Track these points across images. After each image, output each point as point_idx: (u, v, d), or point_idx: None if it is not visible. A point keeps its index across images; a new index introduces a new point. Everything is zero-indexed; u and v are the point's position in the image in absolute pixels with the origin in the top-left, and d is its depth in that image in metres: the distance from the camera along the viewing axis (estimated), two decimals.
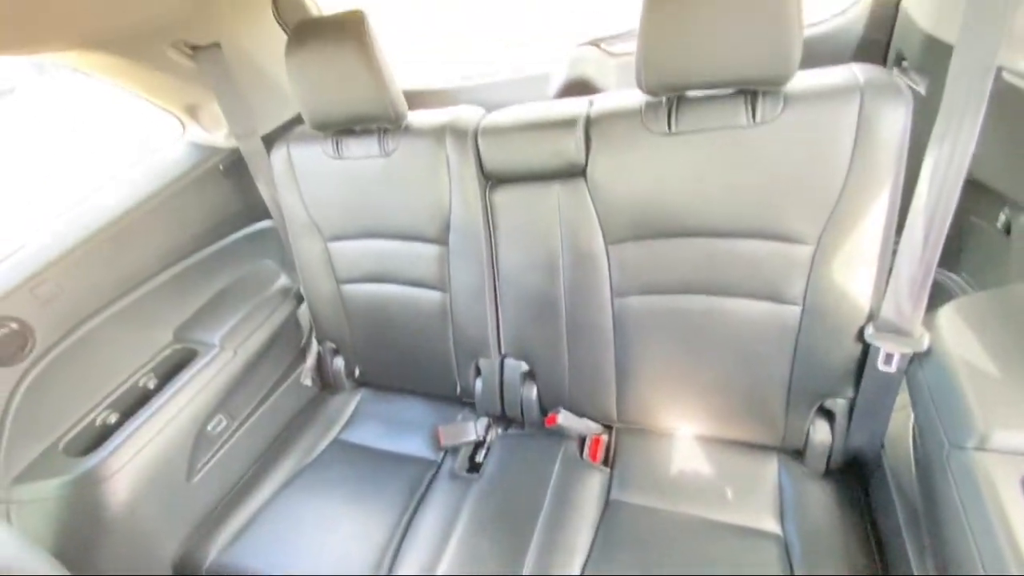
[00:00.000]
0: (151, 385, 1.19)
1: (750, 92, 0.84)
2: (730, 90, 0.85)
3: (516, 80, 1.48)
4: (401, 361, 1.35)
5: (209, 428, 1.21)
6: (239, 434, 1.30)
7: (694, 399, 1.07)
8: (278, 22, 1.29)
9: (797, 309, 0.92)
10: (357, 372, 1.43)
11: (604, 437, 1.17)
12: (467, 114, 1.10)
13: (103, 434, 1.09)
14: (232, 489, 1.26)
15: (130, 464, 1.06)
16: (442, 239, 1.16)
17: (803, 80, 0.84)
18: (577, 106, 1.00)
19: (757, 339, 0.97)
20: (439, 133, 1.08)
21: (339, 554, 1.05)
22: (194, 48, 1.12)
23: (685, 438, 1.13)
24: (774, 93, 0.83)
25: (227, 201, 1.39)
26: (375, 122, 1.10)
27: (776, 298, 0.93)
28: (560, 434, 1.18)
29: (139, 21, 1.01)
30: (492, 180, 1.09)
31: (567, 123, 0.96)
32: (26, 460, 1.03)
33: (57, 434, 1.07)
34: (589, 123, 0.95)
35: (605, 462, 1.14)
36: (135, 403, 1.14)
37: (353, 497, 1.17)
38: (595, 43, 1.45)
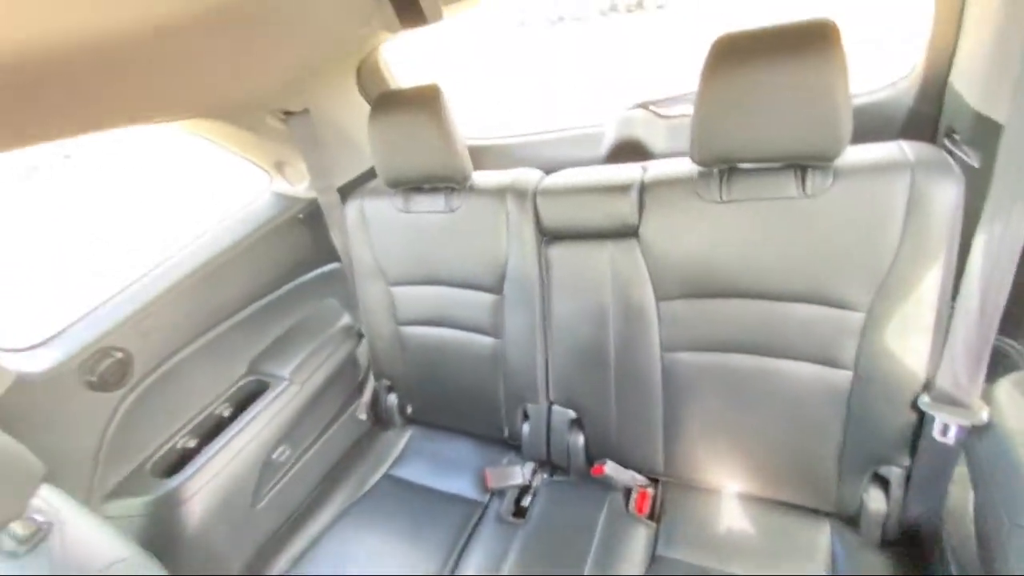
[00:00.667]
0: (226, 414, 1.30)
1: (800, 166, 0.89)
2: (780, 163, 0.90)
3: (570, 138, 1.58)
4: (452, 402, 1.41)
5: (274, 456, 1.30)
6: (299, 464, 1.38)
7: (743, 457, 1.08)
8: (360, 91, 1.45)
9: (849, 374, 0.93)
10: (409, 410, 1.50)
11: (650, 490, 1.18)
12: (527, 176, 1.19)
13: (183, 458, 1.19)
14: (290, 517, 1.33)
15: (205, 487, 1.15)
16: (497, 288, 1.24)
17: (853, 155, 0.88)
18: (631, 172, 1.07)
19: (808, 401, 0.98)
20: (501, 193, 1.17)
21: None
22: (287, 114, 1.27)
23: (734, 496, 1.13)
24: (824, 167, 0.87)
25: (302, 246, 1.52)
26: (442, 182, 1.21)
27: (827, 362, 0.95)
28: (606, 484, 1.19)
29: (246, 94, 1.17)
30: (548, 236, 1.17)
31: (622, 188, 1.03)
32: (118, 478, 1.13)
33: (145, 455, 1.18)
34: (644, 188, 1.02)
35: (651, 516, 1.15)
36: (212, 430, 1.25)
37: (403, 533, 1.21)
38: (644, 106, 1.53)
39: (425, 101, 1.12)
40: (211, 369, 1.32)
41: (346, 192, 1.41)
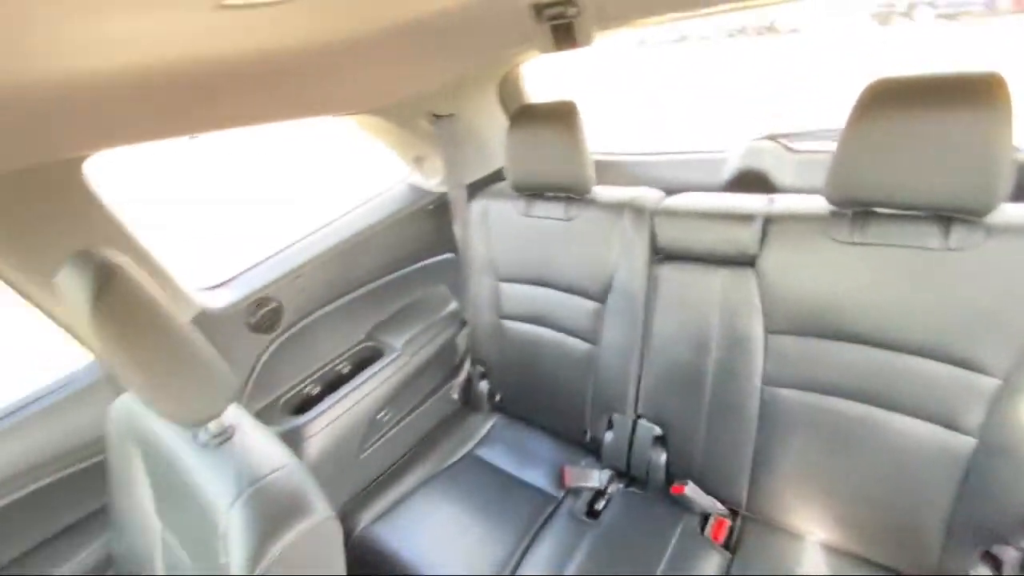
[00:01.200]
0: (345, 371, 1.48)
1: (946, 217, 0.86)
2: (923, 212, 0.88)
3: (689, 162, 1.60)
4: (539, 397, 1.49)
5: (379, 416, 1.46)
6: (397, 428, 1.53)
7: (835, 506, 1.05)
8: (500, 101, 1.58)
9: (971, 441, 0.88)
10: (498, 397, 1.60)
11: (729, 521, 1.17)
12: (647, 195, 1.24)
13: (307, 402, 1.37)
14: (382, 474, 1.48)
15: (323, 431, 1.32)
16: (601, 297, 1.30)
17: (1012, 212, 0.84)
18: (756, 202, 1.08)
19: (918, 461, 0.94)
20: (619, 208, 1.24)
21: (463, 560, 1.19)
22: (437, 116, 1.43)
23: (817, 544, 1.09)
24: (973, 222, 0.84)
25: (425, 234, 1.68)
26: (565, 191, 1.29)
27: (947, 424, 0.90)
28: (683, 504, 1.21)
29: (406, 97, 1.33)
30: (661, 254, 1.21)
31: (746, 217, 1.05)
32: (256, 408, 1.34)
33: (278, 394, 1.38)
34: (769, 220, 1.03)
35: (726, 546, 1.14)
36: (333, 382, 1.43)
37: (479, 510, 1.31)
38: (773, 137, 1.52)
39: (562, 116, 1.22)
40: (338, 331, 1.51)
41: (473, 190, 1.54)
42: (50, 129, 0.80)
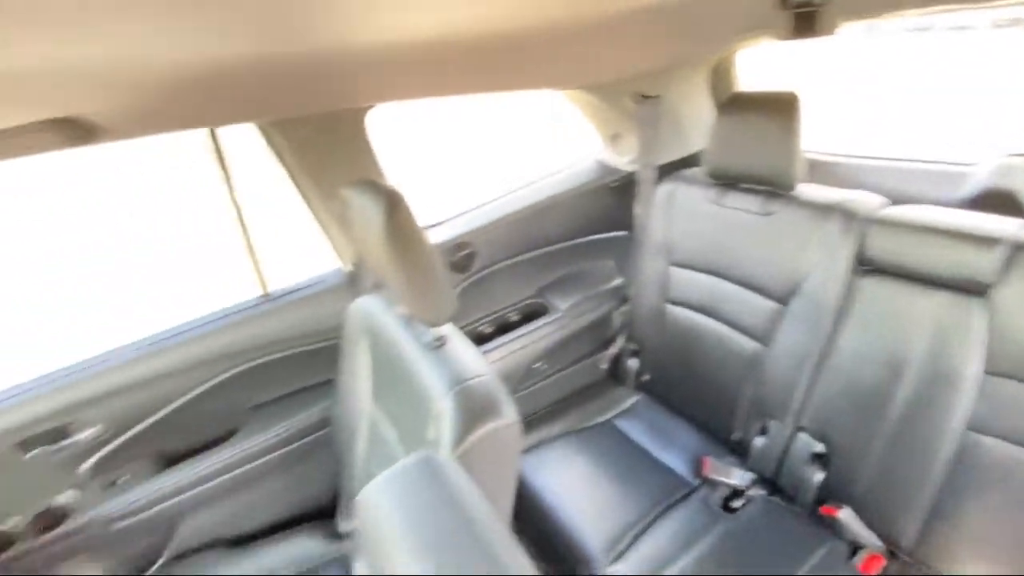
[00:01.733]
0: (514, 319, 1.65)
1: None
2: None
3: (924, 171, 1.42)
4: (689, 386, 1.50)
5: (534, 366, 1.61)
6: (546, 381, 1.67)
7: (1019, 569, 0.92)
8: (709, 87, 1.57)
9: None
10: (645, 377, 1.65)
11: (885, 559, 1.09)
12: (863, 200, 1.16)
13: (480, 339, 1.57)
14: (525, 419, 1.64)
15: (492, 367, 1.50)
16: (783, 299, 1.25)
17: None
18: (1005, 226, 0.95)
19: None
20: (826, 210, 1.17)
21: (593, 513, 1.28)
22: (644, 97, 1.47)
23: None
24: None
25: (604, 210, 1.76)
26: (766, 185, 1.26)
27: None
28: (830, 527, 1.15)
29: (618, 77, 1.40)
30: (866, 266, 1.13)
31: (988, 240, 0.93)
32: None
33: (460, 326, 1.59)
34: (1019, 247, 0.91)
35: None
36: (502, 327, 1.61)
37: (612, 475, 1.38)
38: None
39: (781, 107, 1.18)
40: (513, 284, 1.68)
41: (662, 173, 1.57)
42: (343, 84, 1.03)
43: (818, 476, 1.19)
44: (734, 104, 1.27)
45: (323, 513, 1.44)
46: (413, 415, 0.95)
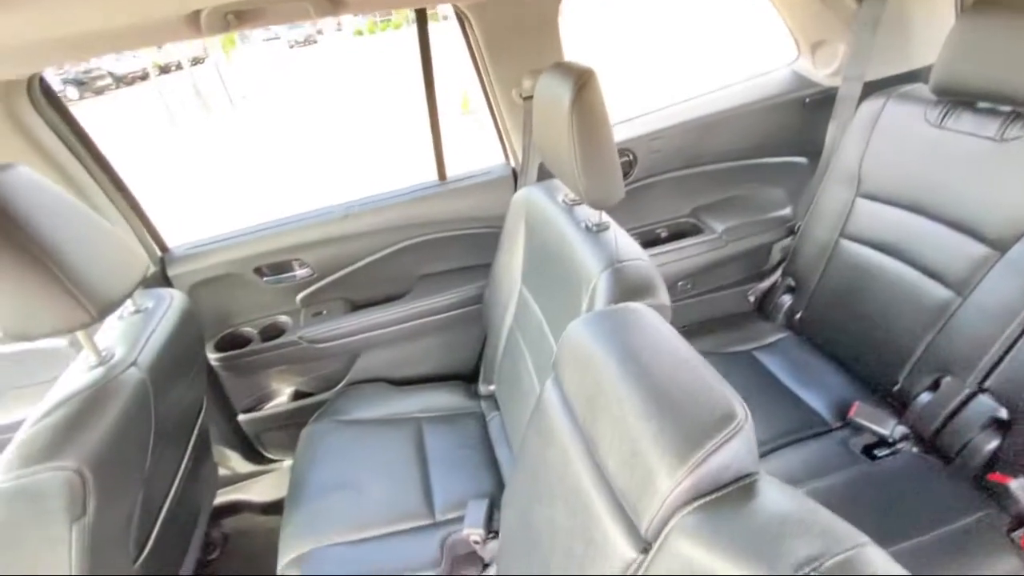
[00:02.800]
0: (663, 235, 1.63)
1: None
2: None
3: None
4: (850, 331, 1.38)
5: (678, 284, 1.60)
6: (687, 301, 1.66)
7: None
8: None
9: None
10: (798, 315, 1.55)
11: None
12: None
13: None
14: None
15: None
16: (1000, 244, 1.07)
17: None
18: None
19: None
20: None
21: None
22: None
23: None
24: None
25: (786, 130, 1.60)
26: (1013, 104, 1.04)
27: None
28: (993, 495, 1.04)
29: None
30: None
31: None
32: None
33: None
34: None
35: None
36: (651, 241, 1.61)
37: (745, 396, 1.37)
38: None
39: None
40: (669, 198, 1.65)
41: (869, 90, 1.36)
42: None
43: (991, 443, 1.07)
44: (989, 4, 1.04)
45: (465, 376, 1.66)
46: (563, 295, 1.03)
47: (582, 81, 0.85)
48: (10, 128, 1.07)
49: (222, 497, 1.62)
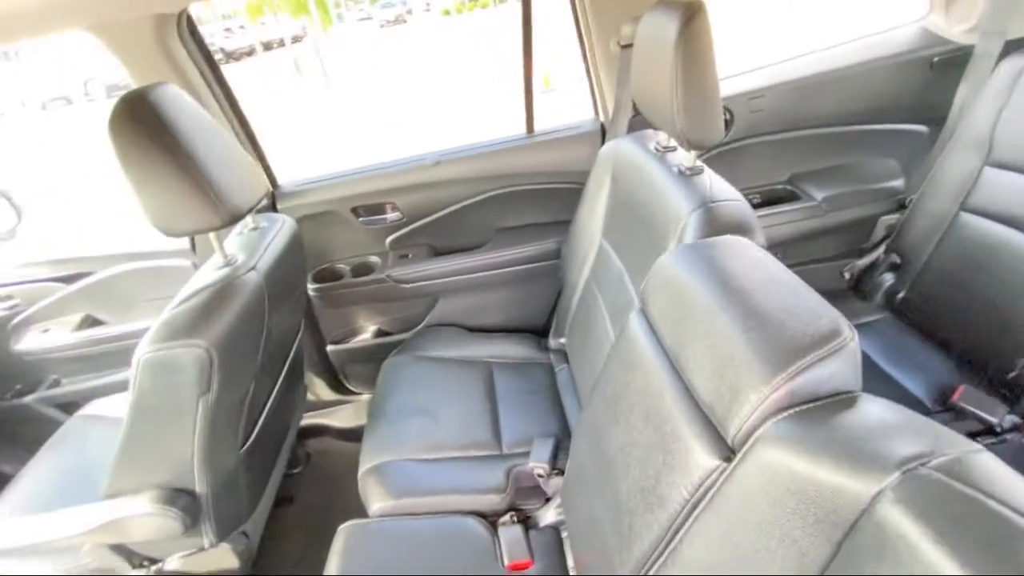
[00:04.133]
0: (755, 201, 1.56)
1: None
2: None
3: None
4: (963, 312, 1.26)
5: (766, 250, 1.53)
6: None
7: None
8: None
9: None
10: (899, 296, 1.43)
11: None
12: None
13: None
14: None
15: None
16: None
17: None
18: None
19: None
20: None
21: None
22: None
23: None
24: None
25: (911, 92, 1.46)
26: None
27: None
28: None
29: None
30: None
31: None
32: None
33: None
34: None
35: None
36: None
37: None
38: None
39: None
40: (765, 162, 1.57)
41: (1011, 48, 1.22)
42: None
43: None
44: None
45: (535, 331, 1.69)
46: (647, 241, 1.02)
47: (691, 12, 0.84)
48: (160, 55, 1.23)
49: (307, 420, 1.77)
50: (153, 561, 1.10)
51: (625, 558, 0.68)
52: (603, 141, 1.49)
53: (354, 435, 1.70)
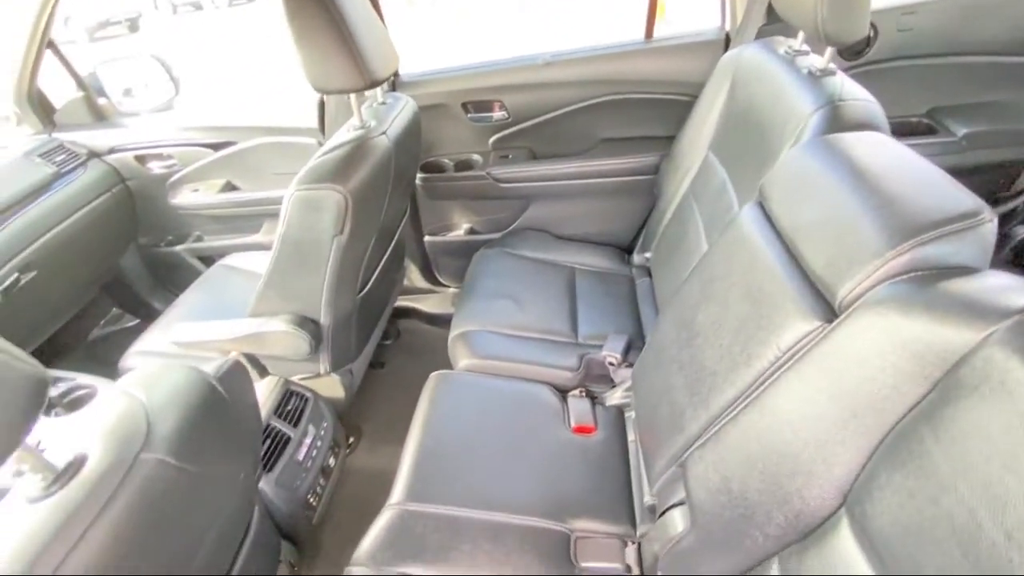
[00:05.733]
0: None
1: None
2: None
3: None
4: None
5: None
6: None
7: None
8: None
9: None
10: None
11: None
12: None
13: None
14: None
15: None
16: None
17: None
18: None
19: None
20: None
21: None
22: None
23: None
24: None
25: None
26: None
27: None
28: None
29: None
30: None
31: None
32: None
33: None
34: None
35: None
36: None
37: None
38: None
39: None
40: (903, 89, 1.43)
41: None
42: None
43: None
44: None
45: (620, 247, 1.73)
46: (760, 147, 1.01)
47: None
48: None
49: (400, 302, 1.96)
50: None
51: (700, 413, 0.74)
52: (726, 51, 1.43)
53: (440, 321, 1.87)
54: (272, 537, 0.95)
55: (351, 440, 1.54)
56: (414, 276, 1.95)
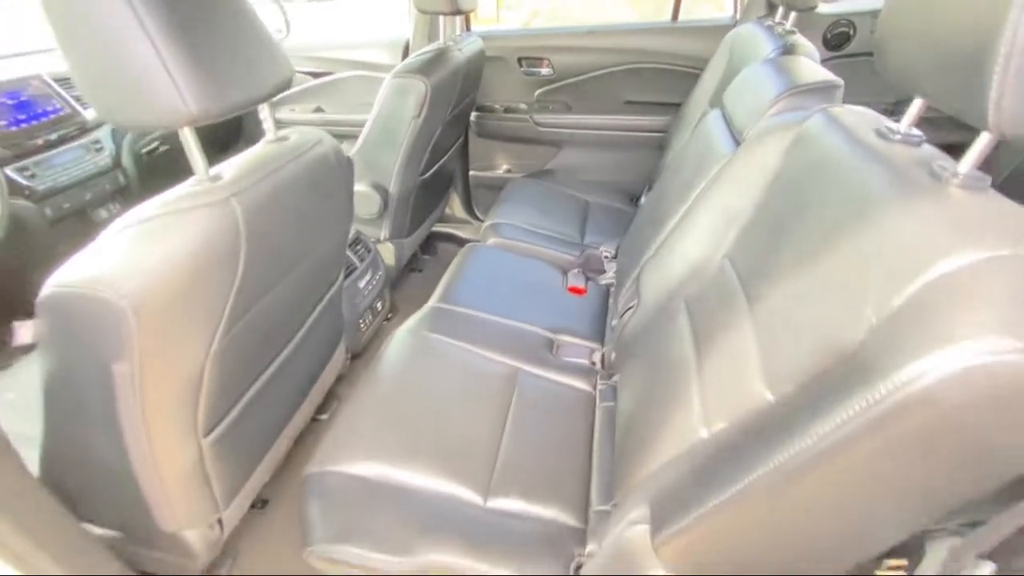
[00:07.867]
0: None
1: None
2: None
3: None
4: None
5: None
6: None
7: None
8: None
9: None
10: None
11: None
12: None
13: None
14: None
15: None
16: None
17: None
18: None
19: None
20: None
21: None
22: None
23: None
24: None
25: None
26: None
27: None
28: None
29: None
30: None
31: None
32: None
33: None
34: None
35: None
36: None
37: None
38: None
39: None
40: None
41: None
42: None
43: None
44: None
45: (631, 193, 2.07)
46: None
47: None
48: None
49: (441, 227, 2.33)
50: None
51: (657, 233, 1.09)
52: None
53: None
54: (339, 319, 1.30)
55: (391, 312, 1.91)
56: (455, 206, 2.33)
